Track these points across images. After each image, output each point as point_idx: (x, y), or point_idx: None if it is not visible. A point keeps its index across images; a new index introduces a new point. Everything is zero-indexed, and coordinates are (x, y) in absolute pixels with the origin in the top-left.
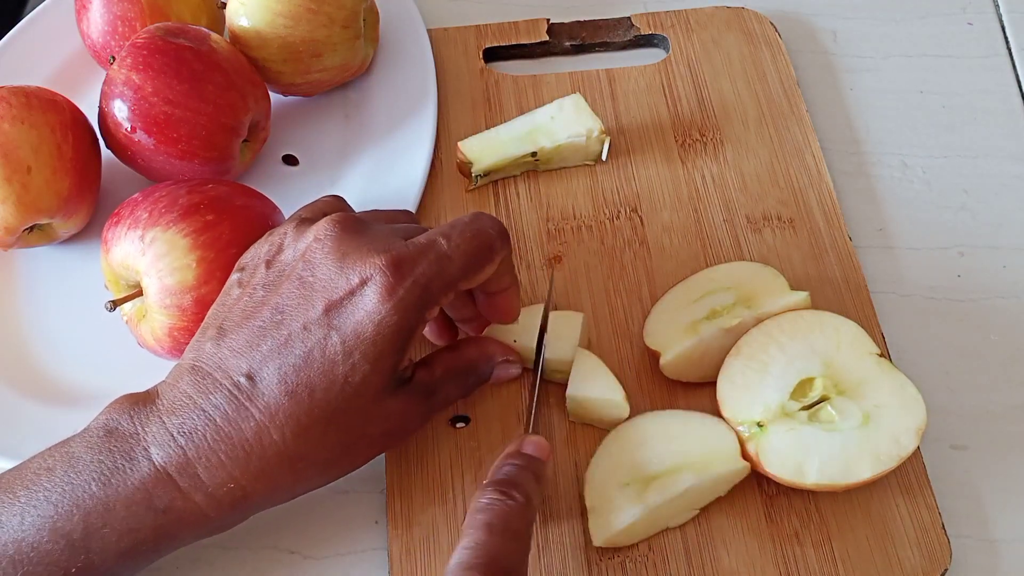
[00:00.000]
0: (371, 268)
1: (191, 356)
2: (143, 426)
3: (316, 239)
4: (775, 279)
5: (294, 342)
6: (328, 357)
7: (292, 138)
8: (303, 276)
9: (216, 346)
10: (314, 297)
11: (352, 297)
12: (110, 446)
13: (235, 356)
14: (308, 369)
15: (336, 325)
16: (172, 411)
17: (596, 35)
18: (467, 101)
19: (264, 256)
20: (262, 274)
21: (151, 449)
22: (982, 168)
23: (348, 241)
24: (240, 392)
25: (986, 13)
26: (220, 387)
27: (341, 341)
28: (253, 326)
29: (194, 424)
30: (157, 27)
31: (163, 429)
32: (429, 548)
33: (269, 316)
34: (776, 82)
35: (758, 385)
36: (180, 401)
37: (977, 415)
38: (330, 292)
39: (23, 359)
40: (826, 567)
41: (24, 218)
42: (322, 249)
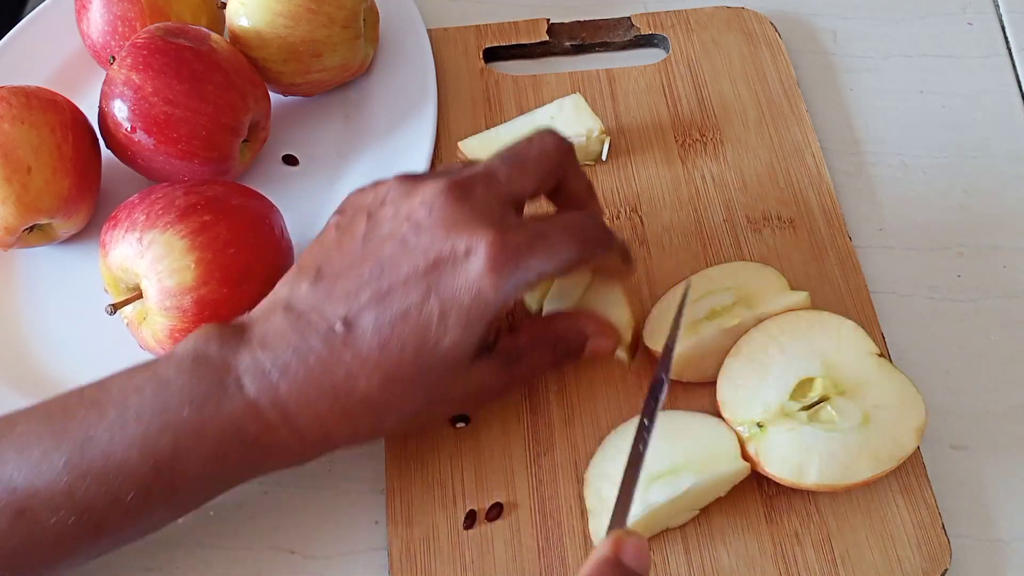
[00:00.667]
0: (478, 240)
1: (284, 293)
2: (235, 355)
3: (423, 203)
4: (775, 279)
5: (393, 297)
6: (424, 317)
7: (292, 138)
8: (407, 238)
9: (313, 288)
10: (417, 258)
11: (455, 264)
12: (201, 372)
13: (333, 301)
14: (403, 325)
15: (436, 288)
16: (265, 345)
17: (596, 35)
18: (467, 101)
19: (367, 206)
20: (363, 225)
21: (244, 379)
22: (982, 168)
23: (456, 209)
24: (335, 336)
25: (986, 13)
26: (316, 329)
27: (438, 304)
28: (353, 275)
29: (287, 361)
30: (157, 27)
31: (255, 362)
32: (429, 548)
33: (369, 269)
34: (776, 82)
35: (758, 385)
36: (274, 337)
37: (977, 415)
38: (434, 255)
39: (23, 359)
40: (826, 567)
41: (24, 218)
42: (430, 215)
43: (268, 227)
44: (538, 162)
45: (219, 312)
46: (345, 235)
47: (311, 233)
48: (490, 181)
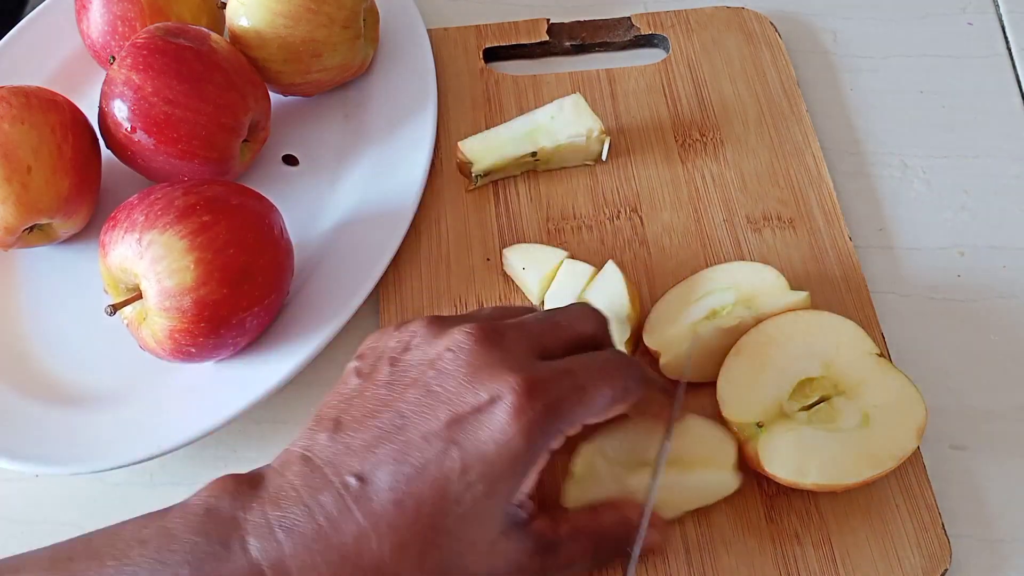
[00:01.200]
0: (503, 386)
1: (303, 444)
2: (245, 511)
3: (449, 349)
4: (775, 279)
5: (412, 451)
6: (444, 472)
7: (292, 138)
8: (430, 385)
9: (331, 440)
10: (439, 408)
11: (479, 414)
12: (208, 528)
13: (349, 455)
14: (421, 481)
15: (458, 440)
16: (276, 502)
17: (596, 35)
18: (467, 101)
19: (389, 352)
20: (386, 371)
21: (249, 539)
22: (982, 168)
23: (482, 356)
24: (348, 493)
25: (986, 13)
26: (329, 485)
27: (460, 457)
28: (372, 426)
29: (295, 519)
30: (157, 27)
31: (264, 520)
32: None
33: (390, 420)
34: (776, 82)
35: (757, 385)
36: (286, 492)
37: (977, 415)
38: (457, 406)
39: (23, 359)
40: (826, 567)
41: (24, 218)
42: (455, 361)
43: (268, 227)
44: (572, 323)
45: (218, 312)
46: (367, 382)
47: (311, 233)
48: (521, 328)
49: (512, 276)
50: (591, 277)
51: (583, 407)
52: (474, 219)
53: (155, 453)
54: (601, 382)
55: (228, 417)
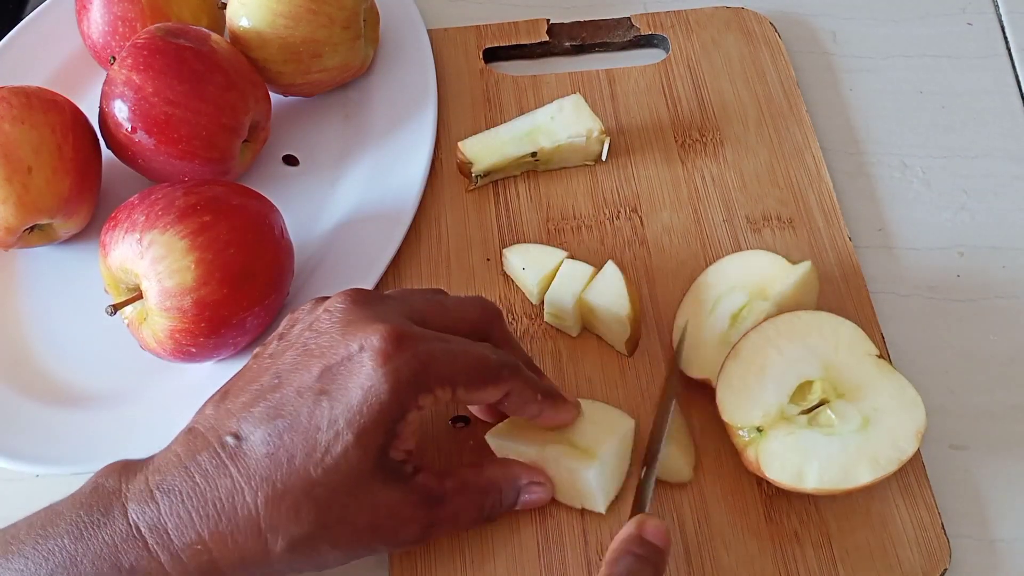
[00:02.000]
0: (371, 334)
1: (192, 420)
2: (127, 483)
3: (326, 310)
4: (773, 260)
5: (285, 405)
6: (313, 423)
7: (292, 138)
8: (307, 343)
9: (215, 408)
10: (312, 363)
11: (348, 363)
12: (91, 501)
13: (228, 417)
14: (292, 433)
15: (328, 390)
16: (157, 469)
17: (596, 35)
18: (467, 101)
19: (280, 330)
20: (273, 346)
21: (129, 505)
22: (982, 168)
23: (356, 312)
24: (224, 450)
25: (986, 13)
26: (208, 445)
27: (329, 407)
28: (251, 390)
29: (173, 480)
30: (157, 27)
31: (144, 486)
32: (429, 548)
33: (268, 380)
34: (776, 82)
35: (757, 389)
36: (167, 460)
37: (977, 415)
38: (328, 358)
39: (23, 359)
40: (826, 567)
41: (25, 218)
42: (330, 319)
43: (268, 227)
44: (458, 306)
45: (219, 312)
46: (257, 357)
47: (311, 233)
48: (403, 299)
49: (512, 276)
50: (591, 277)
51: (453, 370)
52: (474, 219)
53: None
54: (474, 356)
55: None
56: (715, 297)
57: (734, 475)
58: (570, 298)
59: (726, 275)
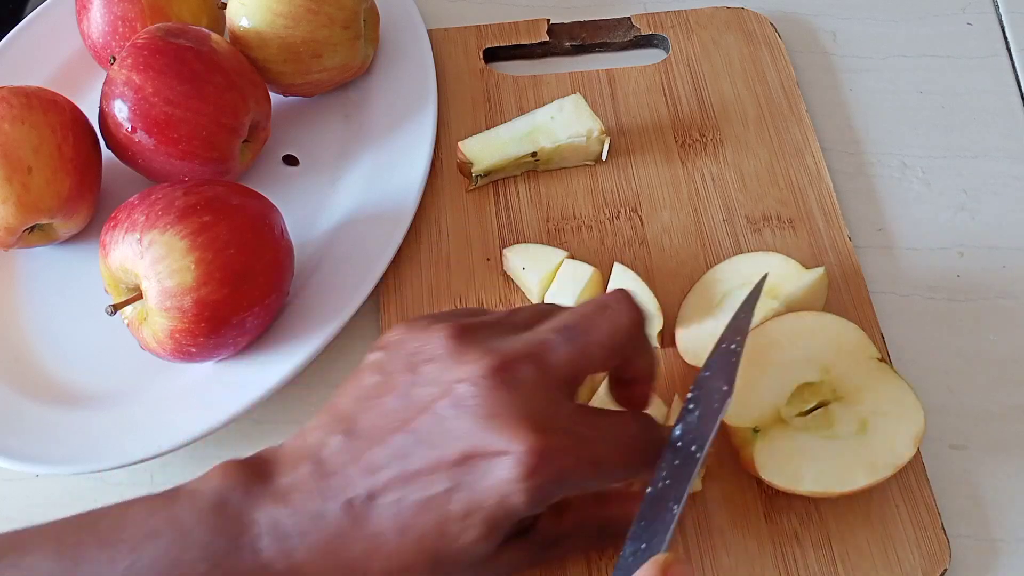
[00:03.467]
0: (517, 443)
1: (315, 442)
2: (257, 508)
3: (470, 381)
4: (784, 263)
5: (419, 482)
6: (445, 511)
7: (292, 138)
8: (445, 416)
9: (344, 445)
10: (449, 444)
11: (488, 461)
12: (221, 525)
13: (360, 469)
14: (424, 515)
15: (463, 483)
16: (286, 502)
17: (596, 35)
18: (467, 101)
19: (410, 356)
20: (404, 381)
21: (262, 540)
22: (982, 168)
23: (500, 399)
24: (357, 509)
25: (986, 13)
26: (340, 496)
27: (463, 501)
28: (385, 443)
29: (307, 528)
30: (158, 27)
31: (274, 520)
32: None
33: (402, 442)
34: (776, 82)
35: (755, 390)
36: (297, 493)
37: (977, 415)
38: (467, 445)
39: (23, 359)
40: (825, 567)
41: (25, 218)
42: (473, 397)
43: (268, 227)
44: (606, 343)
45: (219, 312)
46: (384, 386)
47: (311, 233)
48: (544, 362)
49: (512, 276)
50: (591, 277)
51: (590, 480)
52: (474, 219)
53: (155, 453)
54: (616, 459)
55: (228, 417)
56: (723, 292)
57: (734, 475)
58: (571, 299)
59: (737, 272)
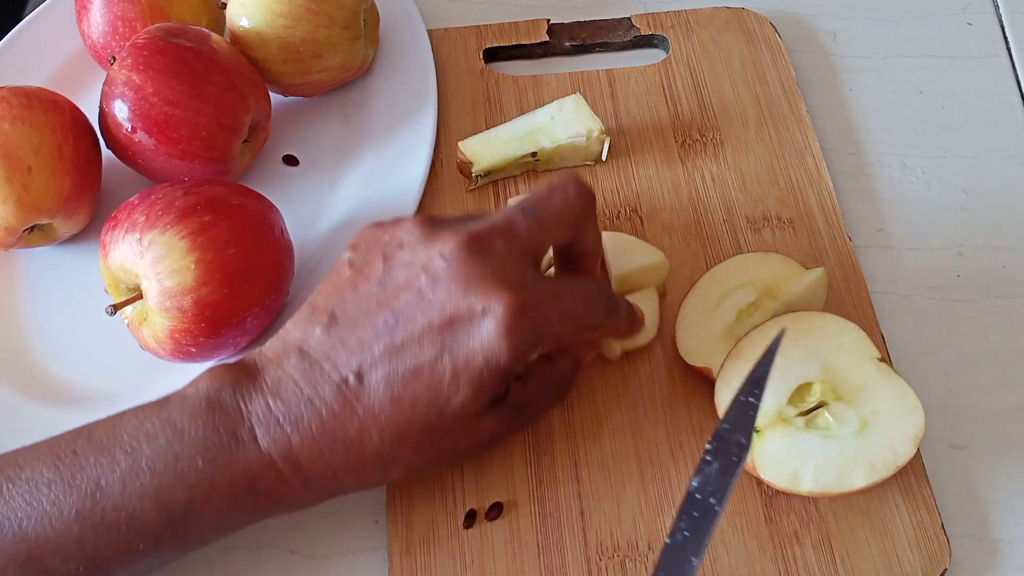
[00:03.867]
0: (496, 302)
1: (297, 336)
2: (248, 403)
3: (442, 256)
4: (784, 263)
5: (406, 352)
6: (436, 375)
7: (292, 138)
8: (423, 291)
9: (326, 334)
10: (431, 312)
11: (470, 324)
12: (214, 421)
13: (346, 351)
14: (415, 382)
15: (449, 347)
16: (277, 393)
17: (596, 35)
18: (467, 101)
19: (383, 246)
20: (378, 267)
21: (257, 430)
22: (982, 168)
23: (475, 265)
24: (348, 389)
25: (986, 13)
26: (329, 379)
27: (451, 363)
28: (367, 325)
29: (300, 412)
30: (158, 27)
31: (269, 412)
32: (429, 548)
33: (384, 320)
34: (776, 82)
35: None
36: (286, 384)
37: (977, 415)
38: (449, 312)
39: (23, 359)
40: (825, 567)
41: (25, 218)
42: (447, 270)
43: (268, 227)
44: (560, 216)
45: (219, 312)
46: (360, 276)
47: (311, 233)
48: (510, 235)
49: None
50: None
51: (564, 329)
52: None
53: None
54: (582, 310)
55: None
56: (723, 292)
57: None
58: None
59: (737, 272)
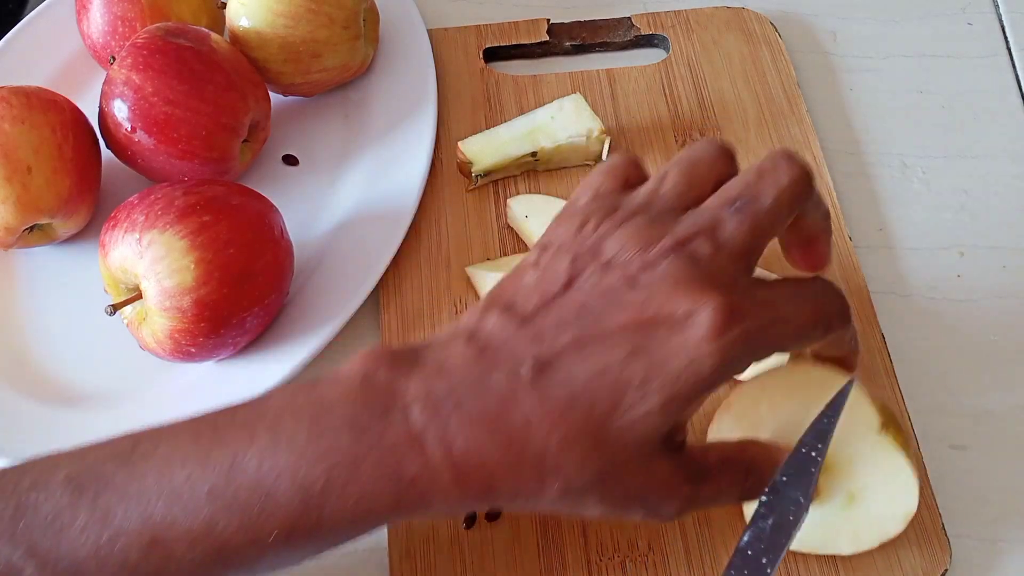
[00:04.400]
0: (702, 305)
1: (471, 322)
2: (405, 380)
3: (644, 261)
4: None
5: (594, 348)
6: (624, 376)
7: (292, 138)
8: (620, 291)
9: (504, 321)
10: (628, 308)
11: (672, 323)
12: (366, 398)
13: (524, 340)
14: (599, 381)
15: (645, 347)
16: (440, 374)
17: (596, 35)
18: (467, 101)
19: (573, 248)
20: (566, 265)
21: (411, 410)
22: (982, 168)
23: (682, 270)
24: (522, 377)
25: (986, 13)
26: (502, 366)
27: (644, 366)
28: (551, 315)
29: (463, 394)
30: (157, 27)
31: (427, 393)
32: (429, 548)
33: (572, 311)
34: (776, 82)
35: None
36: (451, 367)
37: (977, 415)
38: (648, 310)
39: (23, 359)
40: (826, 567)
41: (24, 218)
42: (649, 274)
43: (268, 227)
44: (776, 207)
45: (219, 312)
46: (546, 273)
47: (311, 233)
48: (719, 239)
49: (514, 227)
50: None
51: (779, 340)
52: (474, 219)
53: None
54: (803, 316)
55: None
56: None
57: None
58: None
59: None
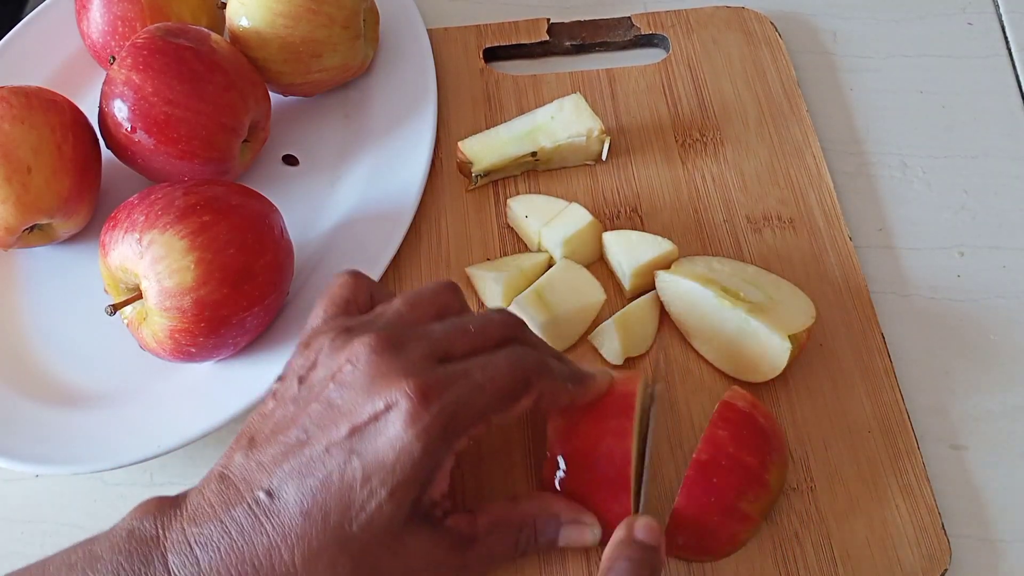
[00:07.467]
0: (397, 393)
1: (222, 463)
2: (165, 530)
3: (348, 360)
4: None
5: (315, 464)
6: (346, 482)
7: (292, 138)
8: (331, 399)
9: (245, 457)
10: (340, 421)
11: (376, 422)
12: (130, 548)
13: (260, 471)
14: (325, 492)
15: (358, 450)
16: (194, 519)
17: (596, 35)
18: (467, 101)
19: (299, 370)
20: (294, 390)
21: (168, 555)
22: (982, 168)
23: (379, 365)
24: (258, 507)
25: (986, 13)
26: (241, 500)
27: (361, 466)
28: (280, 442)
29: (211, 534)
30: (157, 27)
31: (182, 536)
32: None
33: (295, 435)
34: (776, 82)
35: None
36: (203, 509)
37: (977, 415)
38: (355, 416)
39: (23, 359)
40: (826, 567)
41: (24, 218)
42: (353, 372)
43: (268, 227)
44: (482, 328)
45: (219, 312)
46: (278, 402)
47: (311, 233)
48: (424, 336)
49: (514, 226)
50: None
51: (483, 406)
52: (474, 219)
53: (155, 453)
54: (500, 379)
55: (228, 417)
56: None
57: None
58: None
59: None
